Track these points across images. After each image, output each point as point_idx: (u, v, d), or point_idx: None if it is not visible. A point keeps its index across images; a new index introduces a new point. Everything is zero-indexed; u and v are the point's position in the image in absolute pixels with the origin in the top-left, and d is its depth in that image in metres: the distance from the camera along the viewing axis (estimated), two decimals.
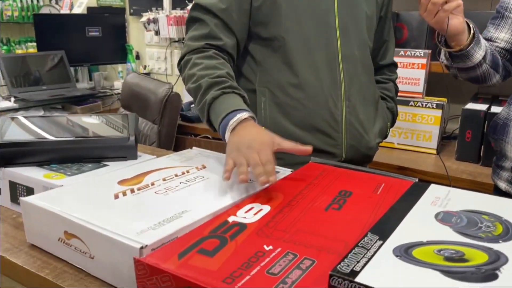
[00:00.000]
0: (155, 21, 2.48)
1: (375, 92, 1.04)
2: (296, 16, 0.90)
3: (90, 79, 2.80)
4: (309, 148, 0.75)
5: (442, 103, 1.49)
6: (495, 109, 1.40)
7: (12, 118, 0.86)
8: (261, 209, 0.61)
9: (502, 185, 0.99)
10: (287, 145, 0.76)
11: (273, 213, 0.60)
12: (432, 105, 1.50)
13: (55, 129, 0.83)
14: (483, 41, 0.97)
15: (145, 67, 2.73)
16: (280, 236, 0.53)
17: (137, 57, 2.82)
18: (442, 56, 1.03)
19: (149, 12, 2.55)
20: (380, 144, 1.61)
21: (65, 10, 3.02)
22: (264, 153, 0.70)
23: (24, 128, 0.83)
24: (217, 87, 0.82)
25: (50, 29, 2.51)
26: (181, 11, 2.38)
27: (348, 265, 0.42)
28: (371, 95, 1.02)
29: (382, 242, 0.47)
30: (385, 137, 1.08)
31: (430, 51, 1.50)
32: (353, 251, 0.45)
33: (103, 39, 2.64)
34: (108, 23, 2.67)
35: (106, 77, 2.95)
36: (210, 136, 1.87)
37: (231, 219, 0.58)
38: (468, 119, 1.40)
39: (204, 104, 0.82)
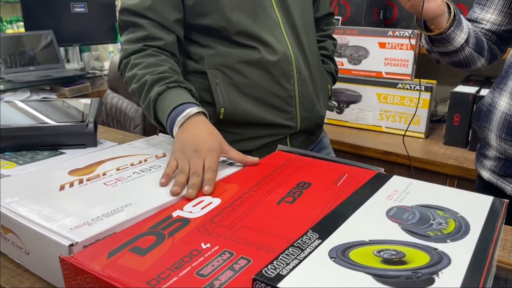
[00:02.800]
0: None
1: (319, 59, 1.03)
2: (234, 2, 0.86)
3: (81, 60, 2.76)
4: (256, 160, 0.73)
5: (431, 85, 1.44)
6: (484, 92, 1.35)
7: None
8: (211, 203, 0.58)
9: (485, 174, 0.95)
10: (235, 155, 0.73)
11: (221, 208, 0.57)
12: (421, 87, 1.45)
13: (10, 115, 0.80)
14: (465, 24, 0.91)
15: None
16: (222, 233, 0.50)
17: None
18: (422, 39, 0.98)
19: None
20: (368, 128, 1.58)
21: None
22: (210, 159, 0.68)
23: None
24: (160, 82, 0.79)
25: (38, 8, 2.46)
26: None
27: (275, 268, 0.39)
28: (316, 64, 1.00)
29: (320, 241, 0.44)
30: (329, 98, 1.09)
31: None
32: (285, 252, 0.42)
33: (92, 18, 2.59)
34: (97, 2, 2.61)
35: (98, 58, 2.91)
36: None
37: (175, 213, 0.55)
38: (456, 103, 1.36)
39: (149, 101, 0.79)
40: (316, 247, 0.43)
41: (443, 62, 1.01)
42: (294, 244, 0.43)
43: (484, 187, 0.96)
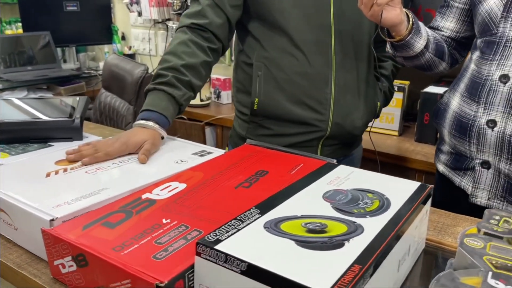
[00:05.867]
0: (138, 2, 2.50)
1: (368, 72, 1.07)
2: None
3: (78, 60, 2.84)
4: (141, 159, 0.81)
5: (403, 86, 1.52)
6: None
7: None
8: (177, 187, 0.67)
9: (440, 167, 1.04)
10: (140, 151, 0.82)
11: (185, 191, 0.65)
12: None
13: (5, 111, 0.88)
14: (424, 31, 0.99)
15: (130, 48, 2.76)
16: (182, 211, 0.59)
17: (123, 37, 2.85)
18: (387, 45, 1.07)
19: None
20: None
21: None
22: (114, 147, 0.80)
23: None
24: (155, 80, 0.91)
25: (35, 10, 2.54)
26: None
27: (216, 235, 0.47)
28: (363, 75, 1.05)
29: (260, 216, 0.53)
30: (376, 116, 1.13)
31: None
32: (228, 223, 0.50)
33: (87, 18, 2.67)
34: (93, 3, 2.70)
35: (94, 58, 2.99)
36: (185, 117, 1.92)
37: (145, 196, 0.64)
38: (425, 102, 1.44)
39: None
40: (255, 220, 0.51)
41: (407, 66, 1.09)
42: (237, 217, 0.52)
43: (441, 180, 1.05)
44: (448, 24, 1.04)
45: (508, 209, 0.90)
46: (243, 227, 0.49)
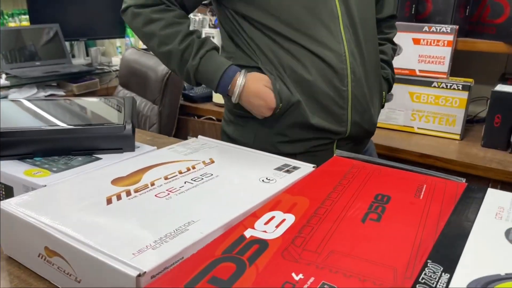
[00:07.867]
0: None
1: (377, 60, 0.94)
2: None
3: (87, 55, 2.66)
4: None
5: (468, 84, 1.37)
6: None
7: None
8: (284, 220, 0.50)
9: None
10: None
11: (299, 226, 0.49)
12: (458, 86, 1.37)
13: (40, 116, 0.71)
14: None
15: None
16: (312, 259, 0.43)
17: None
18: None
19: None
20: (399, 128, 1.51)
21: None
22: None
23: (4, 114, 0.71)
24: (192, 50, 0.83)
25: (44, 1, 2.36)
26: None
27: None
28: (374, 64, 0.91)
29: (449, 275, 0.36)
30: (382, 107, 1.00)
31: (457, 26, 1.37)
32: None
33: (99, 10, 2.49)
34: None
35: (104, 53, 2.81)
36: (214, 118, 1.76)
37: (248, 233, 0.47)
38: (497, 102, 1.28)
39: (188, 73, 0.86)
40: (448, 283, 0.35)
41: None
42: (420, 280, 0.36)
43: None
44: None
45: None
46: None
